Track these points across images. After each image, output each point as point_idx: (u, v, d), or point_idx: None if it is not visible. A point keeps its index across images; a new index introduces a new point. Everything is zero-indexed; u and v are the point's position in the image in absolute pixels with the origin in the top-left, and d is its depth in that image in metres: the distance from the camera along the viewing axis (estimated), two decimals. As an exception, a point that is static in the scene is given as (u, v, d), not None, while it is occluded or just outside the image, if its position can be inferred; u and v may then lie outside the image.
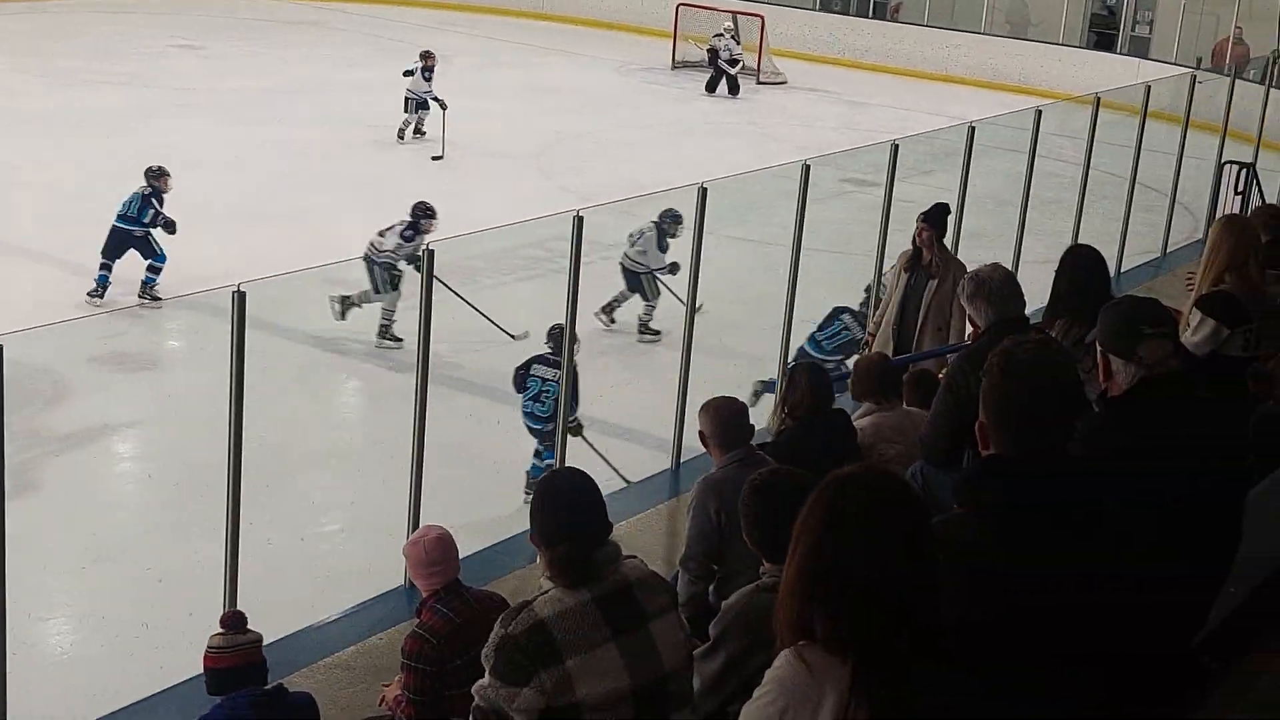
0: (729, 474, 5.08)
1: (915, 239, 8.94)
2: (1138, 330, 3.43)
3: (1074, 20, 27.86)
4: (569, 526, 3.48)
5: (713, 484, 5.17)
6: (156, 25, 27.21)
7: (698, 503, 5.16)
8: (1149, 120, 13.54)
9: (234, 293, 6.41)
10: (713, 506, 5.07)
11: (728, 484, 4.96)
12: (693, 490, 5.30)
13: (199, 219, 15.60)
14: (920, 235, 8.87)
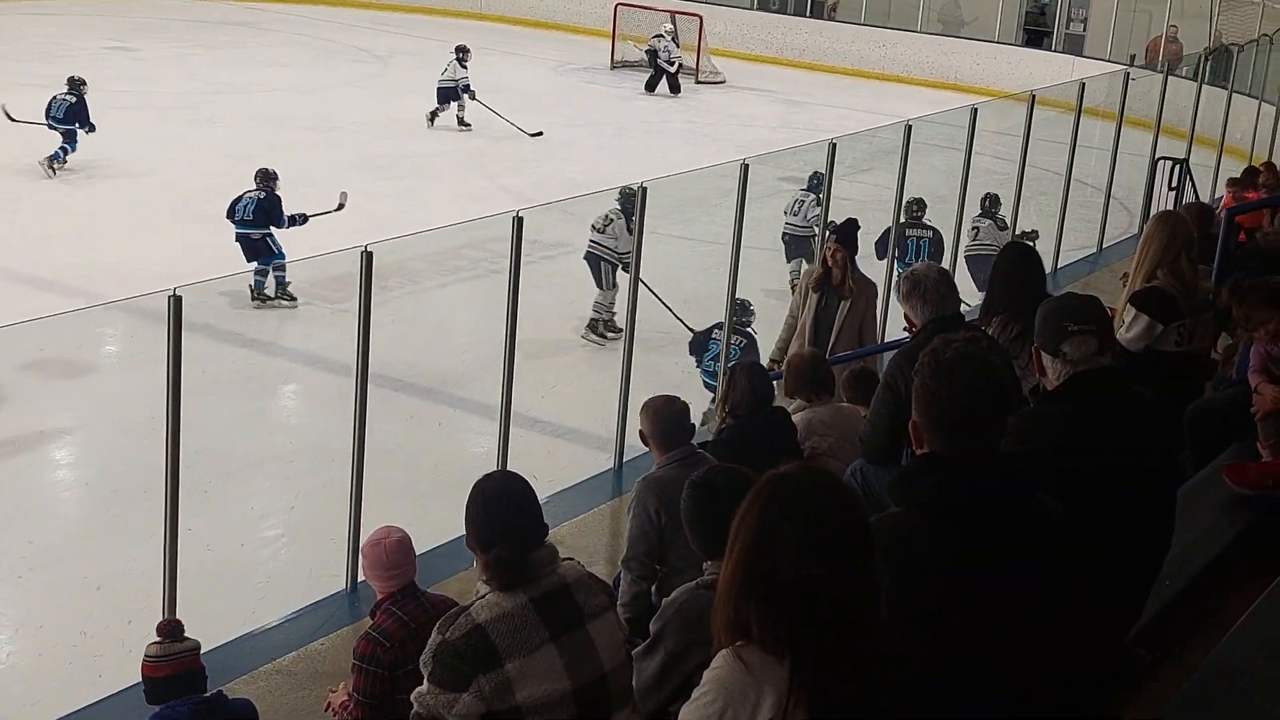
0: (669, 473, 5.08)
1: (826, 258, 8.79)
2: (1063, 328, 3.47)
3: (1008, 18, 28.09)
4: (504, 529, 3.47)
5: (652, 483, 5.17)
6: (89, 27, 26.93)
7: (638, 502, 5.17)
8: (1084, 117, 13.67)
9: (170, 297, 6.35)
10: (652, 505, 5.07)
11: (668, 483, 4.96)
12: (633, 490, 5.30)
13: (133, 221, 15.50)
14: (834, 255, 8.74)
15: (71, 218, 15.60)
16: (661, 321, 11.73)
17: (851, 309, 8.70)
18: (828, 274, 8.75)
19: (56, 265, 13.68)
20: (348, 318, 9.97)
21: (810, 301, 8.73)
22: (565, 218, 13.77)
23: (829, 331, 8.63)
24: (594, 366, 12.23)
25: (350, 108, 21.86)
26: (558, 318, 13.32)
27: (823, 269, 8.81)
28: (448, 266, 14.53)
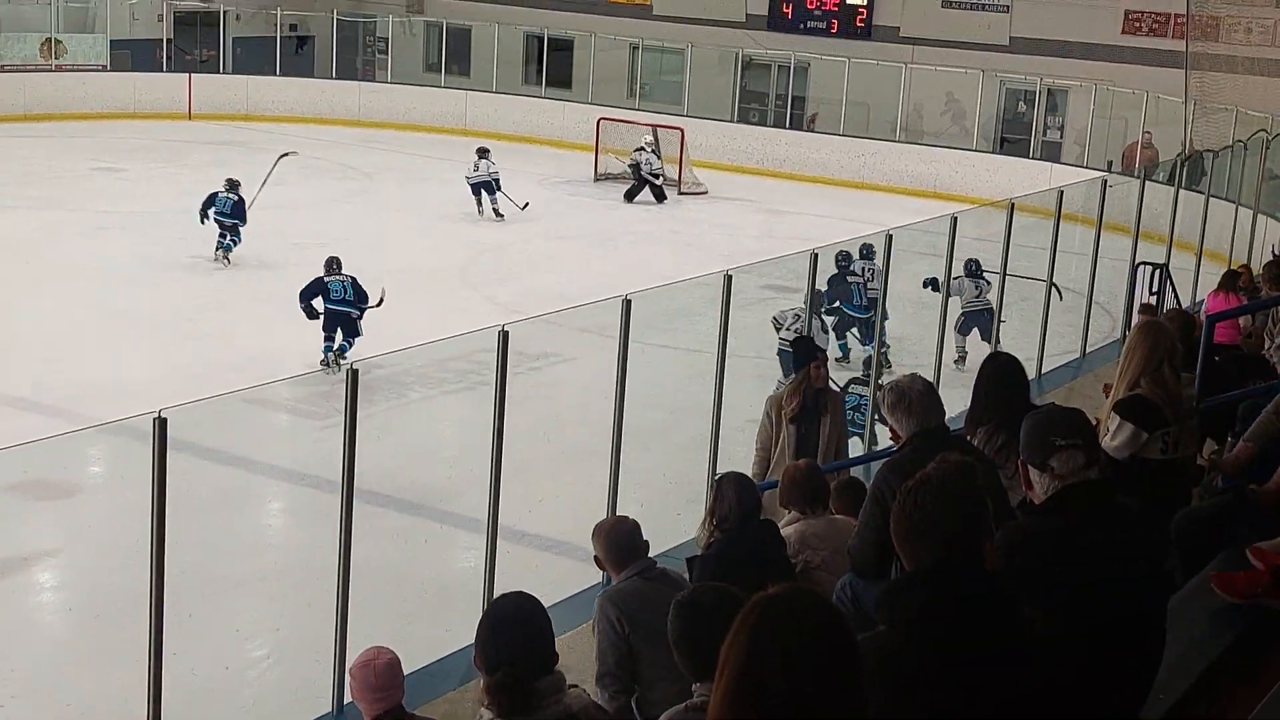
0: (628, 585, 5.10)
1: (812, 379, 8.76)
2: (1050, 442, 3.47)
3: (986, 126, 28.45)
4: (510, 654, 3.44)
5: (613, 594, 5.17)
6: (78, 149, 27.15)
7: (600, 616, 5.15)
8: (1063, 223, 13.78)
9: (155, 419, 6.33)
10: (613, 615, 5.06)
11: (628, 594, 4.96)
12: (595, 606, 5.27)
13: (119, 339, 15.51)
14: (819, 371, 8.79)
15: (53, 336, 15.61)
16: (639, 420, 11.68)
17: (832, 423, 8.72)
18: (801, 398, 8.67)
19: (38, 383, 13.66)
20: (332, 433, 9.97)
21: (788, 435, 8.63)
22: (551, 329, 13.81)
23: (815, 453, 8.53)
24: (581, 478, 12.19)
25: (337, 223, 21.99)
26: (544, 430, 13.30)
27: (800, 399, 8.70)
28: (434, 379, 14.54)
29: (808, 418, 8.64)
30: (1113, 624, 3.26)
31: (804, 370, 8.83)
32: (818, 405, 8.72)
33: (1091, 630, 3.07)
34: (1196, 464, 5.78)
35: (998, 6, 28.73)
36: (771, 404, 8.94)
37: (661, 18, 32.16)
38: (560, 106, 31.06)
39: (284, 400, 13.28)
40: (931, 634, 2.70)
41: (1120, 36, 27.60)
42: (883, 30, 29.88)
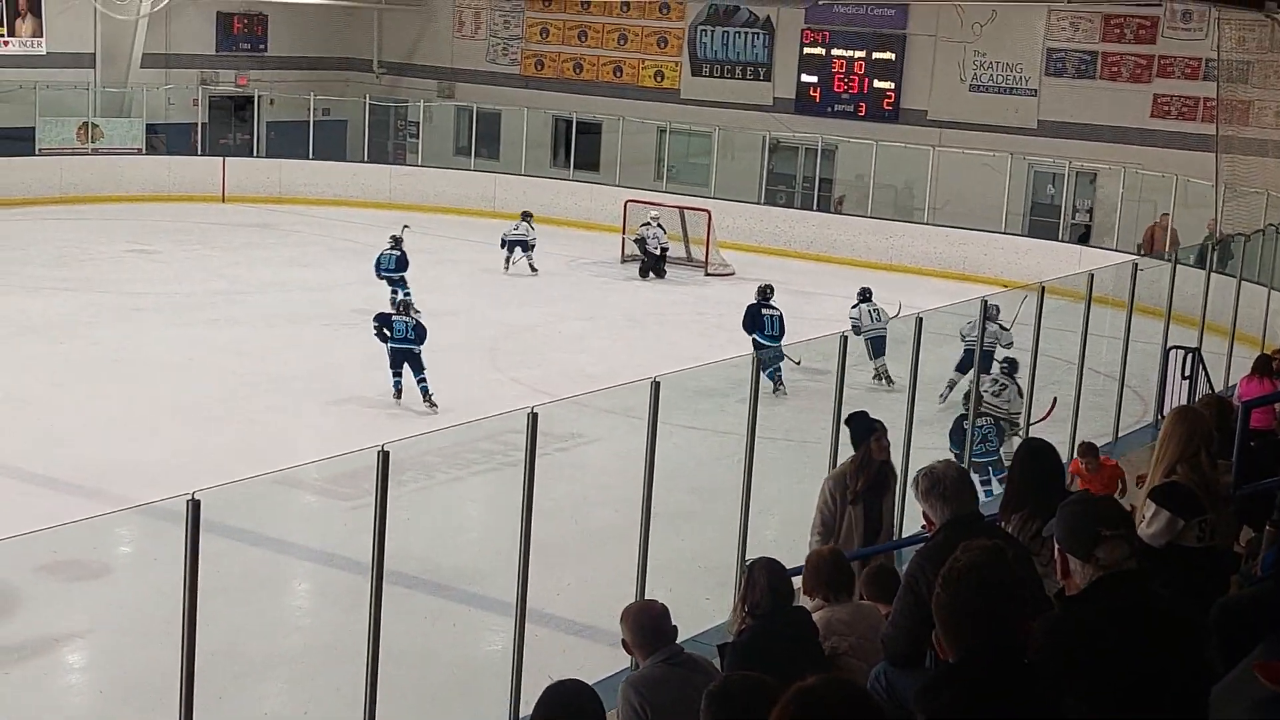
0: (652, 671, 5.05)
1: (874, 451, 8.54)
2: (1095, 532, 3.44)
3: (1015, 209, 28.50)
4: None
5: (636, 680, 5.12)
6: (109, 231, 27.45)
7: (623, 703, 5.10)
8: (1094, 305, 13.75)
9: (188, 501, 6.34)
10: (636, 701, 5.01)
11: (652, 680, 4.92)
12: (618, 693, 5.23)
13: (150, 421, 15.58)
14: (880, 444, 8.57)
15: (86, 416, 15.70)
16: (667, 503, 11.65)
17: (891, 496, 8.48)
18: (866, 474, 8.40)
19: (70, 464, 13.73)
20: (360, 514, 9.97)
21: (854, 515, 8.33)
22: (578, 411, 13.83)
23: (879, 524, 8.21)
24: (608, 560, 12.15)
25: (366, 305, 22.10)
26: (571, 510, 13.27)
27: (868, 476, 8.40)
28: (461, 460, 14.54)
29: (873, 494, 8.38)
30: (1154, 714, 3.22)
31: (864, 445, 8.62)
32: (882, 480, 8.50)
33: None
34: (1234, 551, 5.73)
35: (1025, 90, 28.87)
36: (834, 483, 8.66)
37: (689, 101, 32.43)
38: (588, 189, 31.28)
39: (313, 481, 13.28)
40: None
41: (1149, 120, 27.68)
42: (910, 113, 30.04)
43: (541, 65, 34.50)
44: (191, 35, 33.15)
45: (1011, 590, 2.80)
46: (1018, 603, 2.80)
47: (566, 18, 33.88)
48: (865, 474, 8.53)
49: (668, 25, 32.80)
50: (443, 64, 35.57)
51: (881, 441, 8.60)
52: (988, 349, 14.58)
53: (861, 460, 8.62)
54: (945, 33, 29.51)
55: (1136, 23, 27.71)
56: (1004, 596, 2.77)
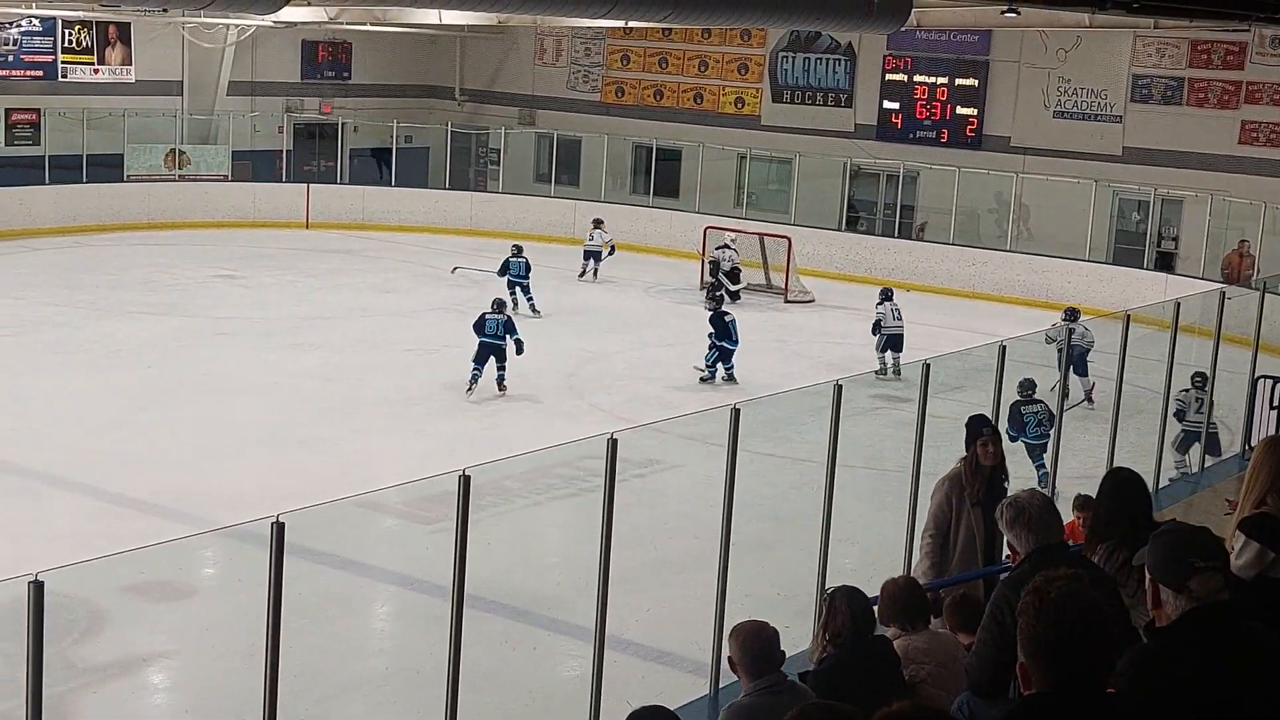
0: (755, 701, 5.00)
1: (980, 456, 8.25)
2: (1189, 564, 3.40)
3: (1099, 236, 28.22)
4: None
5: (737, 710, 5.09)
6: (198, 257, 27.88)
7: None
8: (1180, 335, 13.58)
9: (273, 524, 6.41)
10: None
11: (753, 711, 4.88)
12: (719, 719, 5.22)
13: (235, 444, 15.78)
14: (987, 449, 8.29)
15: (173, 441, 15.92)
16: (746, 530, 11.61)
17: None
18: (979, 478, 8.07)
19: (156, 487, 13.94)
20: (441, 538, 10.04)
21: (974, 517, 7.96)
22: (657, 436, 13.83)
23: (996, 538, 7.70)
24: (687, 587, 12.13)
25: (448, 331, 22.28)
26: (649, 537, 13.27)
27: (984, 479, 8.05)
28: (540, 485, 14.59)
29: (991, 499, 7.82)
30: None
31: (972, 449, 8.39)
32: (998, 485, 8.12)
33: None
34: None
35: (1110, 117, 28.61)
36: (950, 484, 8.34)
37: (769, 127, 32.43)
38: (668, 215, 31.37)
39: (394, 505, 13.39)
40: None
41: (1237, 146, 27.32)
42: (993, 140, 29.86)
43: (622, 92, 34.66)
44: (277, 63, 33.64)
45: (1099, 622, 2.77)
46: (1105, 635, 2.77)
47: (647, 45, 34.03)
48: (980, 479, 8.23)
49: (748, 51, 32.85)
50: (524, 91, 35.83)
51: (987, 447, 8.32)
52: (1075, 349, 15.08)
53: (972, 463, 8.38)
54: (1029, 59, 29.31)
55: (1224, 48, 27.38)
56: (1091, 629, 2.74)
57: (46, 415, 16.54)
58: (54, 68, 30.03)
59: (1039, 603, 2.77)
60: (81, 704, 9.62)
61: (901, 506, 11.24)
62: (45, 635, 5.81)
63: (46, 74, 29.90)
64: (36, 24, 29.46)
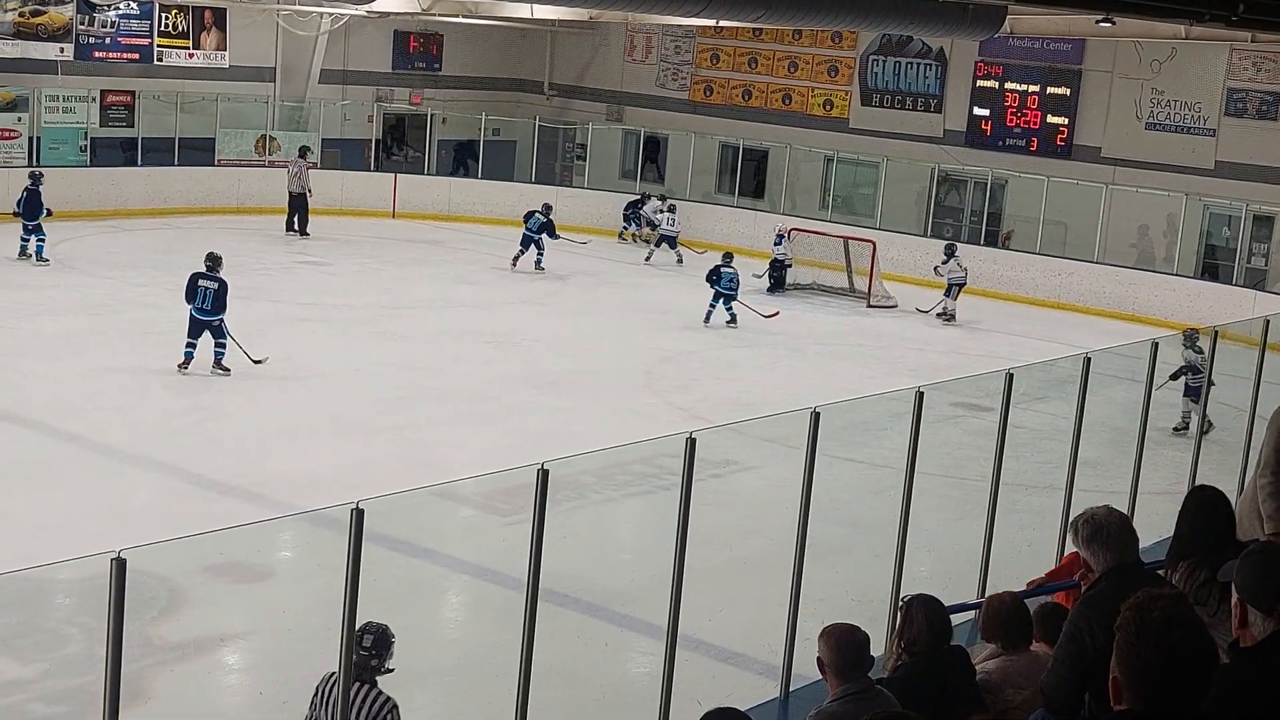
0: (842, 709, 4.97)
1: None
2: None
3: (1187, 251, 27.85)
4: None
5: (823, 718, 5.06)
6: (285, 242, 28.19)
7: None
8: (1268, 352, 13.38)
9: (352, 510, 6.46)
10: (821, 739, 4.96)
11: (839, 718, 4.85)
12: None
13: (314, 430, 15.94)
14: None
15: (254, 425, 16.11)
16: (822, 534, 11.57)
17: None
18: None
19: (236, 469, 14.11)
20: (515, 530, 10.10)
21: None
22: (734, 437, 13.82)
23: None
24: (760, 589, 12.12)
25: (528, 324, 22.40)
26: (724, 537, 13.25)
27: None
28: (616, 481, 14.62)
29: None
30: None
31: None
32: None
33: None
34: None
35: (1204, 130, 28.21)
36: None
37: (857, 131, 32.28)
38: (753, 216, 31.32)
39: (472, 496, 13.47)
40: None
41: (1332, 163, 26.88)
42: (1084, 150, 29.53)
43: (711, 91, 34.63)
44: (369, 53, 33.93)
45: (1201, 647, 2.74)
46: (1206, 660, 2.75)
47: (737, 44, 33.98)
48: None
49: (839, 54, 32.71)
50: (612, 87, 35.90)
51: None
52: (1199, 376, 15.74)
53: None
54: (1123, 69, 28.96)
55: (1322, 63, 26.92)
56: (1194, 652, 2.72)
57: (133, 395, 16.79)
58: (149, 51, 30.45)
59: (1142, 621, 2.75)
60: (158, 681, 9.75)
61: (980, 516, 11.17)
62: (125, 612, 5.90)
63: (142, 57, 30.32)
64: (134, 7, 29.90)
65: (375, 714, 7.00)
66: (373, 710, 7.03)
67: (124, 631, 5.91)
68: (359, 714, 6.96)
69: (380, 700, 7.08)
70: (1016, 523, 11.99)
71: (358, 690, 6.99)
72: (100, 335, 19.63)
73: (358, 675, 6.99)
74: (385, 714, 7.06)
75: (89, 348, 18.84)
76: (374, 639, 7.25)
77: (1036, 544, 11.47)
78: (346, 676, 6.67)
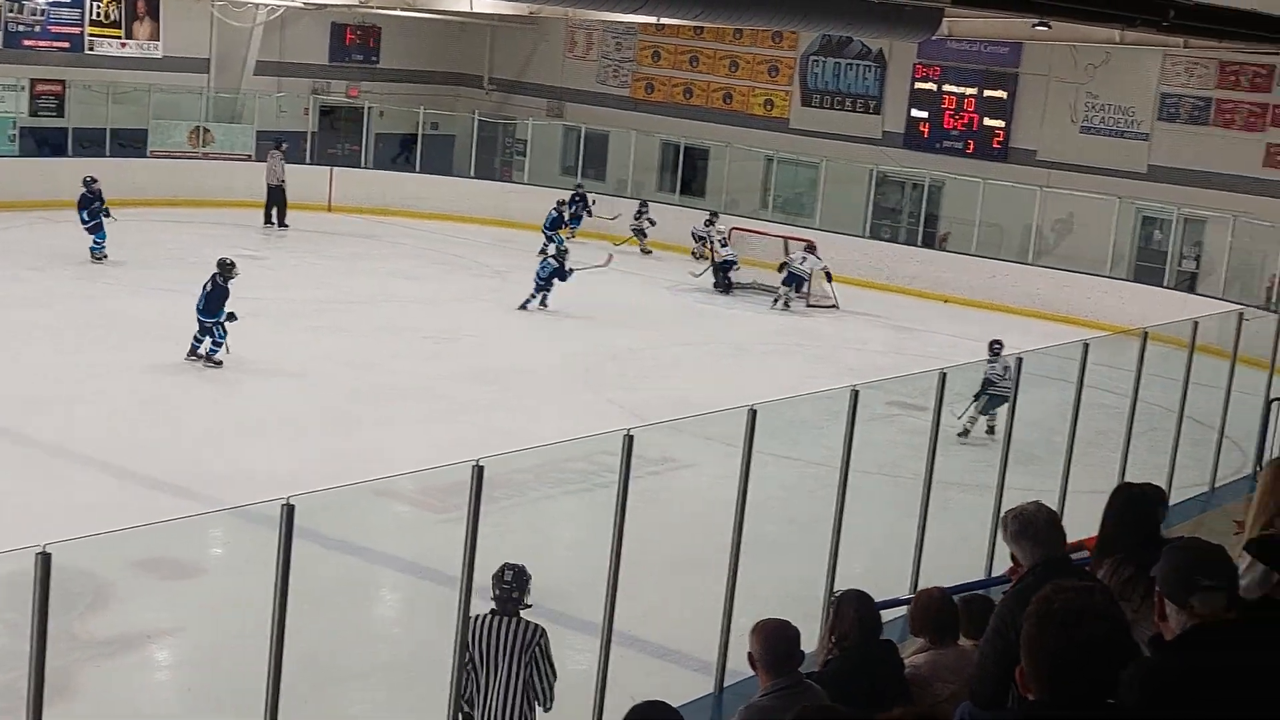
0: (771, 703, 5.01)
1: None
2: (1195, 581, 3.42)
3: (1120, 254, 28.16)
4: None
5: (752, 712, 5.10)
6: (221, 235, 27.94)
7: None
8: (1197, 354, 13.56)
9: (283, 506, 6.44)
10: (752, 733, 4.99)
11: (768, 713, 4.88)
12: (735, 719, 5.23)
13: (252, 425, 15.83)
14: None
15: (189, 418, 15.98)
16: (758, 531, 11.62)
17: None
18: None
19: (169, 465, 13.99)
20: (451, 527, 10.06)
21: None
22: (673, 435, 13.84)
23: None
24: (696, 586, 12.14)
25: (470, 320, 22.34)
26: (660, 534, 13.27)
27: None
28: (553, 479, 14.61)
29: None
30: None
31: None
32: None
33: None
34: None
35: (1137, 134, 28.54)
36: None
37: (798, 131, 32.41)
38: (694, 215, 31.38)
39: (407, 493, 13.42)
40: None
41: (1262, 169, 27.22)
42: (1019, 153, 29.80)
43: (652, 89, 34.67)
44: (305, 45, 33.71)
45: (1106, 637, 2.79)
46: (1111, 650, 2.79)
47: (678, 42, 34.03)
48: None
49: (779, 54, 32.83)
50: (553, 83, 35.87)
51: None
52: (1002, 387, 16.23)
53: None
54: (1058, 73, 29.24)
55: (1253, 70, 27.27)
56: (1098, 643, 2.76)
57: (67, 390, 16.60)
58: (80, 40, 30.07)
59: (1045, 612, 2.79)
60: (84, 677, 9.66)
61: (913, 514, 11.26)
62: (50, 607, 5.85)
63: (73, 46, 29.95)
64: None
65: (529, 641, 7.87)
66: (526, 637, 7.87)
67: (49, 627, 5.85)
68: (514, 643, 7.83)
69: (530, 628, 7.89)
70: (948, 520, 12.09)
71: (506, 623, 7.88)
72: (31, 329, 19.37)
73: (503, 609, 7.93)
74: (537, 639, 7.87)
75: (30, 340, 18.60)
76: (514, 574, 8.09)
77: (968, 540, 11.58)
78: (276, 672, 6.64)
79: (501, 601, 7.93)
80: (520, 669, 7.81)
